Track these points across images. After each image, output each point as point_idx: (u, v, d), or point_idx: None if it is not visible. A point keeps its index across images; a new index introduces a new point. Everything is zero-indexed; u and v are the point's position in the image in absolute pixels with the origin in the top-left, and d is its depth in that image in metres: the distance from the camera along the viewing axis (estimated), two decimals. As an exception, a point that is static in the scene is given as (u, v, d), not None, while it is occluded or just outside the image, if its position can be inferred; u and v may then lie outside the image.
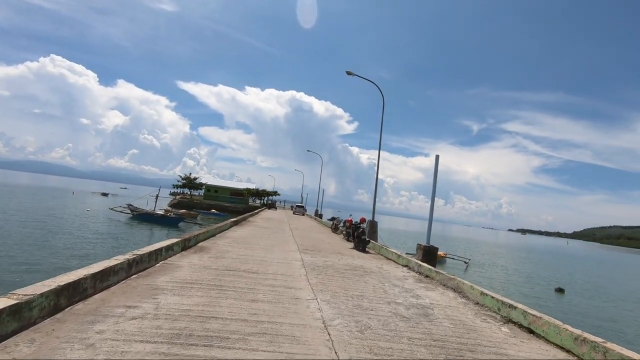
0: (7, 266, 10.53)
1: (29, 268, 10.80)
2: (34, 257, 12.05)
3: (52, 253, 12.98)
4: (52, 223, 21.90)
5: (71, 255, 13.62)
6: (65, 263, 11.51)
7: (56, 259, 12.18)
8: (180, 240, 7.83)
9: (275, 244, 11.53)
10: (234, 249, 9.28)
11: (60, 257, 12.94)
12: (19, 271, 10.16)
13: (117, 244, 17.21)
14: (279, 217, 31.52)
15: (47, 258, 12.08)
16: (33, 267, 10.87)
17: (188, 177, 62.73)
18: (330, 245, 13.10)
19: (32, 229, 18.78)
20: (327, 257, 9.85)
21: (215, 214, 47.58)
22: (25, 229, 18.67)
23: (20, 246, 13.95)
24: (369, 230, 14.39)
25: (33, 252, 12.92)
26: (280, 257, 8.83)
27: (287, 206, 75.94)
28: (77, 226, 22.45)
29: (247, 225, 17.76)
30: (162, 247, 6.60)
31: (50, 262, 11.38)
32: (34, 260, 11.30)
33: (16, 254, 12.14)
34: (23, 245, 14.14)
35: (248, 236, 12.81)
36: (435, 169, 10.24)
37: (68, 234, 18.80)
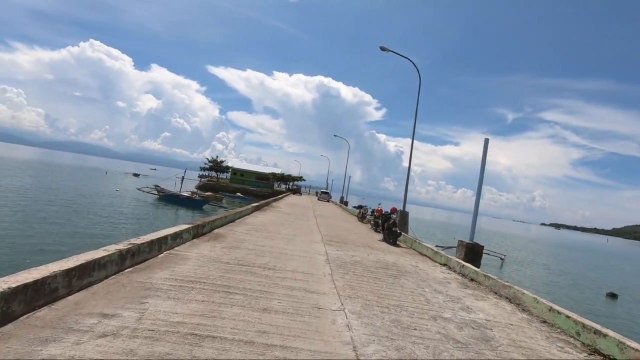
0: (19, 246, 10.30)
1: (41, 249, 10.54)
2: (50, 238, 11.87)
3: (69, 234, 12.79)
4: (79, 202, 22.20)
5: (89, 236, 13.38)
6: (79, 244, 11.21)
7: (72, 240, 11.94)
8: (191, 227, 7.02)
9: (298, 233, 10.61)
10: (252, 237, 8.41)
11: (77, 237, 12.71)
12: (28, 252, 9.89)
13: (139, 225, 17.02)
14: (303, 203, 30.77)
15: (62, 238, 11.86)
16: (45, 248, 10.61)
17: (215, 160, 63.22)
18: (357, 237, 12.05)
19: (58, 207, 18.98)
20: (355, 250, 8.80)
21: (240, 198, 47.65)
22: (52, 207, 18.89)
23: (40, 225, 13.90)
24: (399, 222, 13.17)
25: (51, 232, 12.79)
26: (302, 249, 7.88)
27: (312, 192, 75.38)
28: (103, 206, 22.65)
29: (270, 211, 17.00)
30: (167, 235, 5.78)
31: (63, 243, 11.11)
32: (50, 241, 11.07)
33: (33, 233, 12.03)
34: (44, 224, 14.10)
35: (269, 223, 11.97)
36: (483, 156, 8.83)
37: (92, 213, 18.86)
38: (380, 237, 12.69)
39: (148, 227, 16.95)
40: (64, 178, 42.53)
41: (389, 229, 11.64)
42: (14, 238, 11.48)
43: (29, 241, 10.84)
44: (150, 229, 16.64)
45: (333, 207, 33.87)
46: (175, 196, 30.64)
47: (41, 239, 11.37)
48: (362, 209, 19.66)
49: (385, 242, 11.55)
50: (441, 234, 42.67)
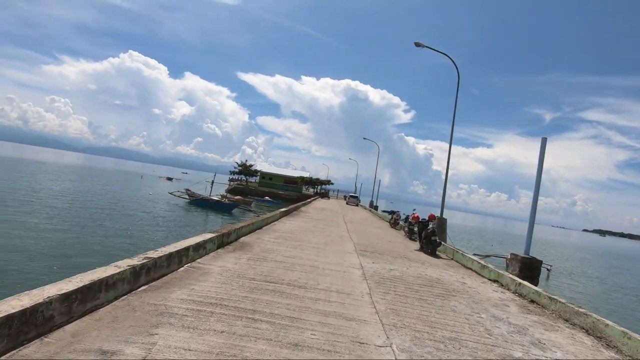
0: (41, 250, 10.35)
1: (67, 254, 10.53)
2: (77, 243, 11.94)
3: (99, 238, 12.83)
4: (113, 206, 22.75)
5: (117, 241, 13.39)
6: (104, 251, 11.14)
7: (99, 246, 11.93)
8: (216, 236, 6.52)
9: (329, 241, 9.93)
10: (280, 247, 7.82)
11: (104, 243, 12.71)
12: (50, 256, 9.87)
13: (168, 230, 17.03)
14: (332, 208, 30.08)
15: (90, 245, 11.89)
16: (72, 254, 10.61)
17: (244, 163, 63.98)
18: (391, 245, 11.19)
19: (91, 211, 19.44)
20: (392, 263, 7.98)
21: (268, 201, 47.69)
22: (86, 210, 19.37)
23: (70, 228, 14.10)
24: (437, 230, 12.16)
25: (79, 237, 12.92)
26: (334, 260, 7.18)
27: (340, 196, 74.50)
28: (136, 210, 23.08)
29: (298, 217, 16.45)
30: (189, 246, 5.28)
31: (90, 250, 11.08)
32: (77, 246, 11.09)
33: (61, 237, 12.16)
34: (74, 227, 14.31)
35: (298, 230, 11.38)
36: (540, 158, 7.76)
37: (125, 216, 19.16)
38: (416, 246, 11.75)
39: (177, 231, 16.91)
40: (103, 182, 44.41)
41: (427, 238, 10.70)
42: (44, 242, 11.64)
43: (57, 246, 10.90)
44: (178, 233, 16.59)
45: (362, 211, 32.93)
46: (205, 200, 30.94)
47: (70, 244, 11.44)
48: (394, 215, 18.68)
49: (424, 252, 10.62)
50: (477, 241, 40.48)
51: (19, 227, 13.22)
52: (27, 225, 13.62)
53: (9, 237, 11.40)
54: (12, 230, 12.53)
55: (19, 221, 14.13)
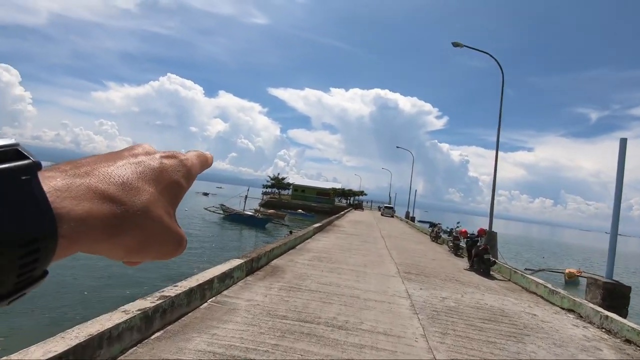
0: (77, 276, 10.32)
1: (88, 284, 10.44)
2: (106, 271, 11.90)
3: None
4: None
5: (150, 267, 13.25)
6: (133, 280, 10.93)
7: (127, 277, 11.77)
8: (245, 262, 5.93)
9: (368, 261, 9.07)
10: (315, 271, 7.10)
11: (134, 274, 12.59)
12: (73, 291, 9.75)
13: (202, 249, 16.86)
14: (367, 220, 29.02)
15: (119, 275, 11.77)
16: (93, 289, 10.54)
17: (276, 177, 64.45)
18: (437, 264, 10.11)
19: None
20: (443, 288, 6.99)
21: (302, 214, 47.28)
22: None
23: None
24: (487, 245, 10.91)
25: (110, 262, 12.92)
26: (377, 287, 6.34)
27: (374, 206, 72.94)
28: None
29: (333, 232, 15.68)
30: (213, 278, 4.70)
31: (120, 280, 10.92)
32: (104, 277, 10.99)
33: (87, 265, 12.22)
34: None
35: (333, 248, 10.61)
36: (620, 159, 6.52)
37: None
38: (464, 264, 10.59)
39: (210, 252, 16.70)
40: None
41: (479, 256, 9.53)
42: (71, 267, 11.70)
43: (82, 276, 10.87)
44: (212, 253, 16.35)
45: (399, 223, 31.54)
46: (239, 215, 31.02)
47: (99, 269, 11.42)
48: (435, 228, 17.40)
49: (475, 272, 9.45)
50: (526, 253, 37.42)
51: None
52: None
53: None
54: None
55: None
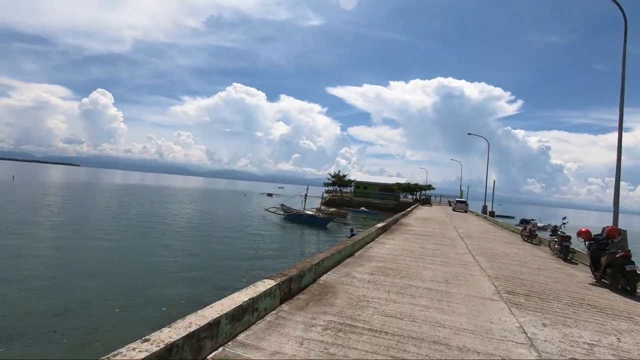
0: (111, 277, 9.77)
1: (135, 287, 9.74)
2: (161, 271, 11.45)
3: (181, 266, 12.14)
4: (210, 226, 23.24)
5: (197, 268, 12.51)
6: (180, 281, 10.12)
7: (177, 274, 11.07)
8: (277, 284, 4.27)
9: (449, 273, 6.87)
10: (379, 292, 5.20)
11: (187, 269, 11.93)
12: (109, 289, 9.08)
13: (255, 252, 15.95)
14: (437, 217, 25.95)
15: (170, 272, 11.16)
16: (141, 286, 9.84)
17: (337, 174, 63.01)
18: (547, 275, 7.47)
19: (185, 234, 19.80)
20: (578, 321, 4.59)
21: (365, 212, 45.06)
22: (178, 233, 19.78)
23: (160, 252, 13.90)
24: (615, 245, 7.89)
25: (168, 263, 12.53)
26: (472, 322, 4.23)
27: (443, 201, 67.62)
28: (232, 228, 23.16)
29: (399, 232, 13.49)
30: (220, 317, 3.10)
31: (167, 278, 10.19)
32: (156, 276, 10.39)
33: (145, 262, 11.86)
34: (164, 251, 14.12)
35: (402, 255, 8.54)
36: None
37: (218, 238, 18.96)
38: (583, 275, 7.78)
39: (265, 255, 15.67)
40: (211, 202, 48.24)
41: (616, 266, 6.71)
42: (114, 267, 11.39)
43: (128, 275, 10.41)
44: (267, 257, 15.29)
45: (475, 219, 27.79)
46: (299, 215, 30.15)
47: (148, 272, 10.92)
48: (529, 225, 14.17)
49: (609, 289, 6.68)
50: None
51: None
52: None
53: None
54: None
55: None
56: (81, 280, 9.89)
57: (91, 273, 10.54)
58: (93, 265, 11.24)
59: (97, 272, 10.67)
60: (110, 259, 12.25)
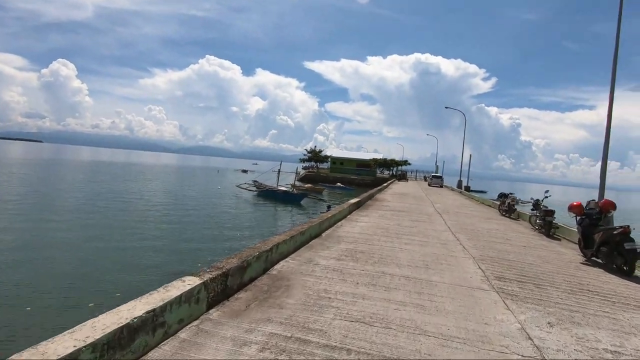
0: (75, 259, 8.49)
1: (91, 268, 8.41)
2: (125, 250, 10.35)
3: (131, 250, 10.77)
4: (175, 204, 21.60)
5: (156, 249, 11.25)
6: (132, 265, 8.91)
7: (132, 258, 9.83)
8: (204, 283, 3.10)
9: (429, 255, 5.94)
10: (344, 284, 4.15)
11: (142, 250, 10.75)
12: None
13: (220, 231, 14.69)
14: (414, 192, 25.43)
15: (129, 254, 9.96)
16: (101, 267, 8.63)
17: (313, 150, 61.57)
18: (534, 254, 6.72)
19: (147, 211, 18.20)
20: (585, 315, 3.73)
21: (341, 188, 44.32)
22: (139, 211, 18.17)
23: (106, 235, 12.46)
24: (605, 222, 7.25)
25: (127, 242, 11.39)
26: (461, 324, 3.25)
27: (419, 177, 68.04)
28: (200, 206, 21.66)
29: (374, 208, 12.58)
30: (96, 342, 1.90)
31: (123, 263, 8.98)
32: (91, 271, 9.07)
33: (102, 243, 10.55)
34: (111, 234, 12.68)
35: (374, 235, 7.56)
36: None
37: (184, 216, 17.51)
38: (571, 252, 7.13)
39: (230, 234, 14.45)
40: (180, 179, 46.01)
41: (612, 244, 5.99)
42: (76, 247, 9.99)
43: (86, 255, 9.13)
44: (232, 235, 14.09)
45: (451, 194, 27.56)
46: (272, 191, 28.87)
47: (109, 252, 9.69)
48: (508, 199, 13.61)
49: (604, 269, 5.99)
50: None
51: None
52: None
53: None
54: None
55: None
56: (4, 268, 8.40)
57: (21, 260, 9.04)
58: (28, 252, 9.71)
59: (29, 259, 9.17)
60: (50, 244, 10.72)
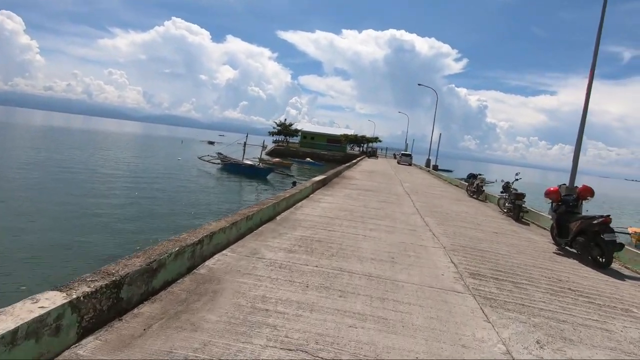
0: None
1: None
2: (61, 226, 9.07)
3: (60, 232, 9.35)
4: (124, 178, 19.69)
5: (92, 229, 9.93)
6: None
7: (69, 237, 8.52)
8: (71, 302, 2.09)
9: (396, 245, 5.21)
10: (288, 290, 3.27)
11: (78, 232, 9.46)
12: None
13: (172, 209, 13.40)
14: (383, 170, 25.01)
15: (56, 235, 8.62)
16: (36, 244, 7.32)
17: (283, 123, 59.63)
18: (507, 243, 6.22)
19: (90, 185, 16.39)
20: (580, 333, 3.12)
21: (310, 163, 43.42)
22: (80, 185, 16.33)
23: (44, 206, 10.96)
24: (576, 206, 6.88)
25: (56, 215, 10.01)
26: (434, 351, 2.49)
27: (389, 154, 68.37)
28: (152, 180, 19.91)
29: (340, 187, 11.79)
30: None
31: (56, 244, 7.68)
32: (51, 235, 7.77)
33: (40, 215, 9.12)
34: (46, 207, 11.15)
35: (337, 219, 6.75)
36: None
37: (132, 192, 15.89)
38: (541, 239, 6.74)
39: (182, 212, 13.21)
40: (137, 149, 43.05)
41: (589, 235, 5.54)
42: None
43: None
44: (185, 212, 12.86)
45: (420, 172, 27.47)
46: (237, 165, 27.40)
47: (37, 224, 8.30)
48: (476, 180, 13.30)
49: (576, 260, 5.57)
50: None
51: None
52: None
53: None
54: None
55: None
56: None
57: None
58: None
59: None
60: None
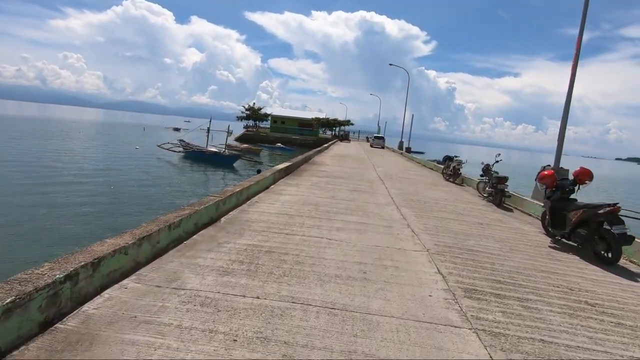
0: None
1: None
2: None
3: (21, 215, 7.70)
4: (72, 169, 17.56)
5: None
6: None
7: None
8: None
9: (368, 254, 4.15)
10: (202, 353, 2.10)
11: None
12: None
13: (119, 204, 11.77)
14: (355, 153, 24.06)
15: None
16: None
17: (252, 107, 57.18)
18: (498, 238, 5.34)
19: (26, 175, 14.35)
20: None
21: (281, 149, 41.82)
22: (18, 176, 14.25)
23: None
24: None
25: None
26: None
27: (362, 137, 67.74)
28: (104, 170, 17.93)
29: (307, 175, 10.62)
30: None
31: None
32: None
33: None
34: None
35: (297, 217, 5.59)
36: None
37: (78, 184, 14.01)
38: (530, 229, 5.95)
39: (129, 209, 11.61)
40: (92, 137, 39.76)
41: (593, 227, 4.72)
42: None
43: None
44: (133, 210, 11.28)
45: (393, 156, 26.78)
46: (200, 152, 25.53)
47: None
48: (453, 162, 12.53)
49: (578, 256, 4.77)
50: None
51: None
52: None
53: None
54: None
55: None
56: None
57: None
58: None
59: None
60: None
